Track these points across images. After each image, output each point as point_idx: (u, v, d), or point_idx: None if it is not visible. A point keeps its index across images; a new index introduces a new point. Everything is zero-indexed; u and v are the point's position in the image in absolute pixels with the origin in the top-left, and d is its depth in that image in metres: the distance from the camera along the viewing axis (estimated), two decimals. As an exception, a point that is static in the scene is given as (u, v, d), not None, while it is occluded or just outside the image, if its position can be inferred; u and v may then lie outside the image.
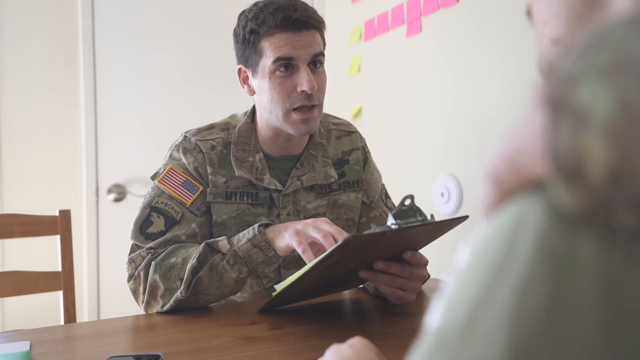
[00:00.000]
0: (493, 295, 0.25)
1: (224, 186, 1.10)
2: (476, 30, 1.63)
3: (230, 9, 2.46)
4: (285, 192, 1.12)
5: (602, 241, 0.24)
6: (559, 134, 0.24)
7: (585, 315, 0.23)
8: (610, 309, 0.23)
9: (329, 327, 0.92)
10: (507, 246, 0.26)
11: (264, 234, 0.98)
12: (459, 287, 0.28)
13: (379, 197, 1.24)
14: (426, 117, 1.86)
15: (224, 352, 0.81)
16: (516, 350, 0.24)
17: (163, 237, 1.05)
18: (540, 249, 0.25)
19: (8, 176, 2.09)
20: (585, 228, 0.24)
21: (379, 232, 0.79)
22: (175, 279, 0.99)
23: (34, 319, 2.02)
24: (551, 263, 0.24)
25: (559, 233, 0.25)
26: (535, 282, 0.24)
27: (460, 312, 0.26)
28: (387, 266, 0.92)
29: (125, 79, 2.25)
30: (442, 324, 0.27)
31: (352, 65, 2.25)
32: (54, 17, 2.14)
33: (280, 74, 1.03)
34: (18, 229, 1.35)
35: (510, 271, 0.25)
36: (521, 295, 0.24)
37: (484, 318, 0.25)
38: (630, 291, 0.23)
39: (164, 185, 1.08)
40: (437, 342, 0.27)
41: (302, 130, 1.06)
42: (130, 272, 1.03)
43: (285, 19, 1.01)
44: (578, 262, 0.24)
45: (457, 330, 0.26)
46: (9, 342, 0.86)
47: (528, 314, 0.24)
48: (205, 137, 1.12)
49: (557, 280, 0.24)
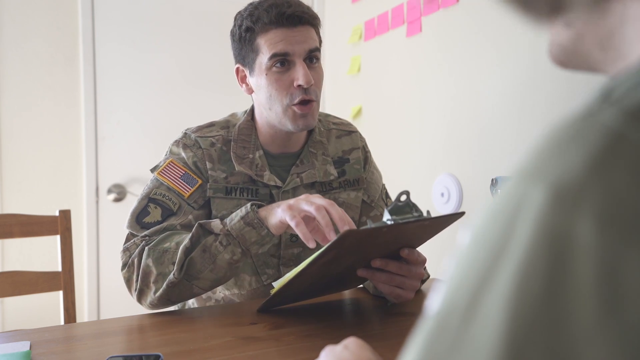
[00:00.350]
0: (494, 278, 0.25)
1: (224, 182, 1.10)
2: (476, 30, 1.63)
3: (230, 9, 2.45)
4: (285, 188, 1.12)
5: (600, 221, 0.24)
6: None
7: (583, 296, 0.23)
8: (609, 289, 0.23)
9: (329, 327, 0.92)
10: (507, 228, 0.26)
11: (257, 212, 0.97)
12: (459, 270, 0.28)
13: (379, 197, 1.24)
14: (426, 117, 1.86)
15: (224, 352, 0.81)
16: (515, 333, 0.24)
17: (159, 225, 1.04)
18: (540, 231, 0.25)
19: (8, 176, 2.09)
20: (585, 207, 0.24)
21: (375, 228, 0.79)
22: (169, 263, 0.97)
23: (34, 319, 2.02)
24: (550, 244, 0.24)
25: (558, 213, 0.24)
26: (534, 264, 0.24)
27: (462, 295, 0.26)
28: (384, 264, 0.93)
29: (125, 79, 2.25)
30: (443, 307, 0.27)
31: (352, 65, 2.25)
32: (54, 17, 2.14)
33: (276, 69, 1.04)
34: (18, 229, 1.35)
35: (510, 254, 0.25)
36: (520, 278, 0.24)
37: (484, 301, 0.25)
38: (628, 271, 0.23)
39: (163, 177, 1.09)
40: (439, 325, 0.27)
41: (301, 125, 1.07)
42: (124, 260, 1.03)
43: (280, 14, 1.02)
44: (577, 243, 0.24)
45: (459, 313, 0.26)
46: (9, 342, 0.86)
47: (527, 296, 0.24)
48: (205, 134, 1.13)
49: (556, 261, 0.24)
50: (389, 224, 0.81)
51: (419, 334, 0.28)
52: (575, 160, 0.25)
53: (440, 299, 0.28)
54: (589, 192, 0.24)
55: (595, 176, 0.24)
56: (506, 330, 0.24)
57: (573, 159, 0.25)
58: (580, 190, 0.24)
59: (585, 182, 0.24)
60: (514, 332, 0.24)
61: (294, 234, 1.11)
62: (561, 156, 0.26)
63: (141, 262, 0.99)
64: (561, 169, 0.25)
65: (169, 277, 0.97)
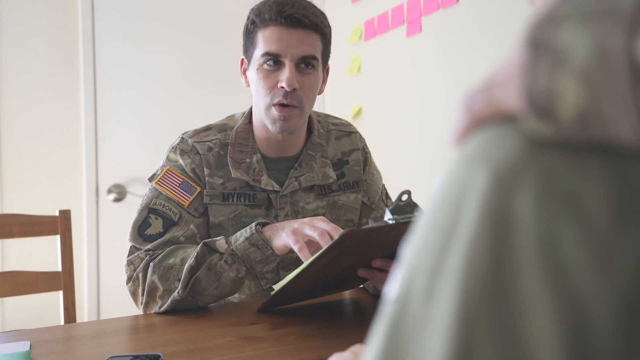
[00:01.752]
0: (446, 260, 0.26)
1: (221, 187, 1.09)
2: (476, 30, 1.63)
3: (231, 9, 2.46)
4: (282, 193, 1.11)
5: (537, 198, 0.25)
6: (537, 71, 0.25)
7: (526, 268, 0.24)
8: (549, 260, 0.24)
9: (329, 327, 0.92)
10: (454, 210, 0.27)
11: (262, 232, 0.98)
12: (414, 255, 0.29)
13: (379, 198, 1.24)
14: (426, 117, 1.86)
15: (224, 352, 0.81)
16: (466, 308, 0.25)
17: (161, 238, 1.04)
18: (484, 210, 0.26)
19: (8, 176, 2.09)
20: (523, 186, 0.25)
21: (375, 227, 0.79)
22: (174, 279, 0.99)
23: (34, 319, 2.02)
24: (493, 223, 0.25)
25: (499, 193, 0.26)
26: (481, 242, 0.25)
27: (418, 279, 0.27)
28: (385, 264, 0.93)
29: (125, 78, 2.25)
30: (402, 292, 0.28)
31: (352, 65, 2.25)
32: (54, 17, 2.14)
33: (267, 67, 1.04)
34: (18, 229, 1.35)
35: (458, 235, 0.26)
36: (469, 256, 0.26)
37: (439, 282, 0.26)
38: (565, 243, 0.24)
39: (162, 186, 1.08)
40: (399, 310, 0.28)
41: (278, 128, 1.05)
42: (129, 274, 1.03)
43: (279, 12, 1.02)
44: (517, 220, 0.25)
45: (417, 297, 0.27)
46: (9, 342, 0.86)
47: (475, 273, 0.25)
48: (202, 138, 1.12)
49: (499, 238, 0.25)
50: (390, 224, 0.81)
51: (381, 321, 0.29)
52: (514, 143, 0.27)
53: (398, 285, 0.29)
54: (527, 172, 0.25)
55: (532, 157, 0.26)
56: (458, 306, 0.25)
57: (512, 143, 0.27)
58: (519, 171, 0.26)
59: (523, 163, 0.26)
60: (465, 308, 0.25)
61: None
62: (501, 140, 0.27)
63: (146, 278, 1.00)
64: (501, 152, 0.27)
65: (173, 295, 0.98)
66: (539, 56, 0.25)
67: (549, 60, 0.24)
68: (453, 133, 0.32)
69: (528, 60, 0.25)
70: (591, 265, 0.24)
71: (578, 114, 0.24)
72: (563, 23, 0.24)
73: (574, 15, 0.24)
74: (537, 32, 0.25)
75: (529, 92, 0.25)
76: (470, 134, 0.30)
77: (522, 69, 0.26)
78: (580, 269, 0.24)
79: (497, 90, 0.28)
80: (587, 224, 0.24)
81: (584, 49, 0.23)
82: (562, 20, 0.24)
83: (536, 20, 0.26)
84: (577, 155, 0.25)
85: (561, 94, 0.24)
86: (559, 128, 0.25)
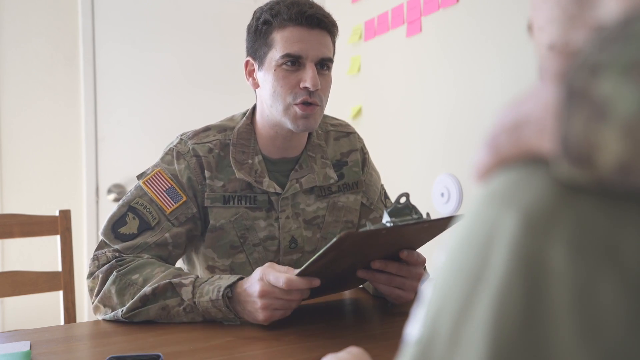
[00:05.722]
0: (473, 306, 0.26)
1: (222, 190, 1.08)
2: (476, 30, 1.64)
3: (231, 9, 2.46)
4: (284, 195, 1.11)
5: (572, 246, 0.24)
6: (574, 119, 0.24)
7: (560, 320, 0.23)
8: (584, 313, 0.23)
9: (329, 327, 0.92)
10: (482, 255, 0.26)
11: (230, 298, 0.93)
12: (438, 296, 0.28)
13: (378, 199, 1.24)
14: (426, 117, 1.86)
15: (224, 352, 0.81)
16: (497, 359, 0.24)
17: (132, 241, 1.02)
18: (514, 258, 0.25)
19: (8, 176, 2.09)
20: (556, 233, 0.24)
21: (373, 230, 0.79)
22: (130, 297, 0.96)
23: (34, 319, 2.02)
24: (525, 271, 0.24)
25: (530, 240, 0.25)
26: (511, 290, 0.25)
27: (443, 323, 0.27)
28: (384, 265, 0.92)
29: (125, 78, 2.25)
30: (425, 334, 0.27)
31: (352, 65, 2.25)
32: (54, 17, 2.14)
33: (286, 68, 1.03)
34: (18, 229, 1.35)
35: (487, 281, 0.25)
36: (499, 305, 0.25)
37: (466, 329, 0.25)
38: (602, 296, 0.23)
39: (148, 187, 1.06)
40: (422, 353, 0.27)
41: (301, 126, 1.05)
42: (91, 269, 1.01)
43: (300, 13, 1.02)
44: (550, 269, 0.24)
45: (442, 342, 0.26)
46: (9, 342, 0.86)
47: (506, 324, 0.24)
48: (201, 139, 1.10)
49: (532, 287, 0.24)
50: (388, 227, 0.81)
51: None
52: (544, 187, 0.26)
53: (420, 326, 0.28)
54: (560, 218, 0.24)
55: (565, 202, 0.25)
56: (487, 356, 0.24)
57: (542, 186, 0.26)
58: (551, 216, 0.25)
59: (555, 208, 0.25)
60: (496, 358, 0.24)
61: (293, 240, 1.11)
62: (530, 182, 0.26)
63: (105, 284, 0.98)
64: (531, 195, 0.26)
65: (116, 312, 0.95)
66: (576, 105, 0.24)
67: (588, 110, 0.24)
68: (476, 170, 0.31)
69: (564, 105, 0.25)
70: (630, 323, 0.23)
71: (619, 164, 0.23)
72: (603, 73, 0.24)
73: (615, 65, 0.23)
74: (573, 80, 0.25)
75: (564, 138, 0.24)
76: (494, 173, 0.29)
77: (557, 115, 0.25)
78: (618, 326, 0.23)
79: (525, 130, 0.27)
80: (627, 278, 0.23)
81: (627, 102, 0.23)
82: (601, 70, 0.24)
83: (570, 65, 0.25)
84: (614, 203, 0.24)
85: (601, 144, 0.23)
86: (595, 175, 0.24)
